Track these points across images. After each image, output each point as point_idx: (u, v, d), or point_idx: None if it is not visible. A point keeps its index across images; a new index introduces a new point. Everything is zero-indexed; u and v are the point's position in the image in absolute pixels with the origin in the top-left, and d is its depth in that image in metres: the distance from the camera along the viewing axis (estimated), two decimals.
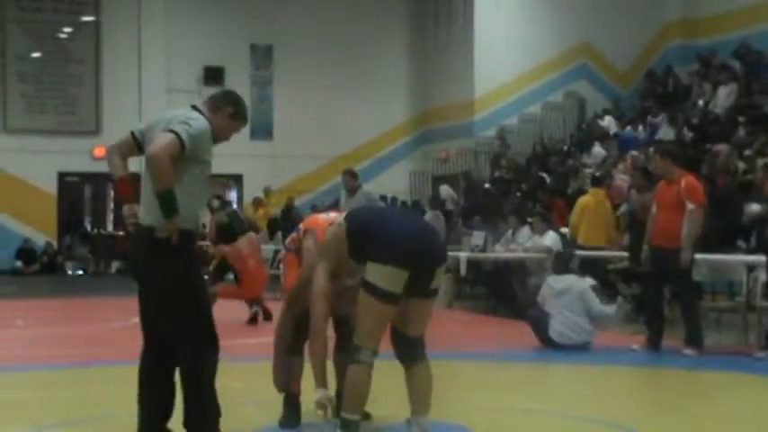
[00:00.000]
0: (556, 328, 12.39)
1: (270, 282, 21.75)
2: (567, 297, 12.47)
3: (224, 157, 36.03)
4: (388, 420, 7.46)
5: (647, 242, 12.43)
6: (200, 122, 6.48)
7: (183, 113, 6.57)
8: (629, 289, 16.11)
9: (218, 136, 6.71)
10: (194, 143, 6.36)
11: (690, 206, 11.90)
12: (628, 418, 8.12)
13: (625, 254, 16.39)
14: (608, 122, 29.34)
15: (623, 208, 18.42)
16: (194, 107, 6.72)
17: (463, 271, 17.70)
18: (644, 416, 8.34)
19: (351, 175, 17.25)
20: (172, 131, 6.31)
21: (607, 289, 16.79)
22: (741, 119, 23.20)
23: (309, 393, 6.89)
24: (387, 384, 7.39)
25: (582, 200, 18.55)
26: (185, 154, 6.32)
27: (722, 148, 20.45)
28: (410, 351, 6.53)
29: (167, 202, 6.28)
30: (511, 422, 7.99)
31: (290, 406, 7.48)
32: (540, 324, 12.58)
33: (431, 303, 6.55)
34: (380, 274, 6.22)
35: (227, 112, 6.74)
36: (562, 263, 13.11)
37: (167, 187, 6.27)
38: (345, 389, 6.45)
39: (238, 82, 33.89)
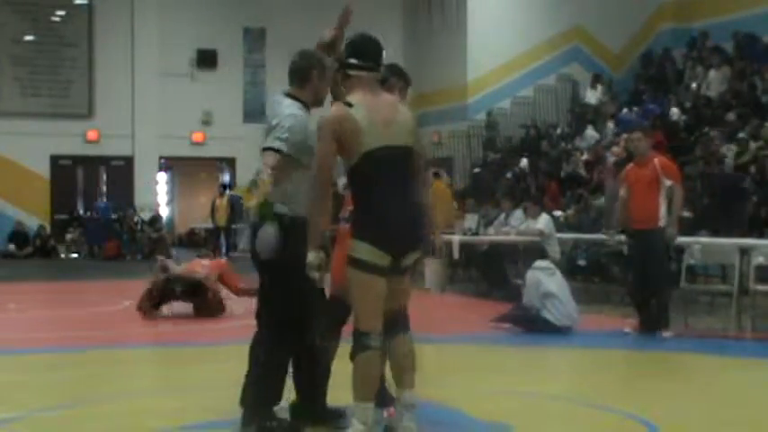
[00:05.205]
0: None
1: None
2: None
3: (217, 141, 36.14)
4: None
5: (621, 225, 12.62)
6: (291, 120, 6.68)
7: (280, 111, 6.79)
8: (624, 272, 16.13)
9: (318, 100, 6.94)
10: (292, 144, 6.61)
11: (668, 183, 12.06)
12: (621, 401, 8.15)
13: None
14: (591, 96, 29.45)
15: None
16: (287, 94, 6.96)
17: (456, 254, 17.71)
18: (639, 399, 8.35)
19: None
20: (270, 148, 6.64)
21: (599, 271, 16.86)
22: (734, 102, 23.24)
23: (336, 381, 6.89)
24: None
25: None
26: (290, 156, 6.62)
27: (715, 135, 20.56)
28: (390, 324, 6.47)
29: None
30: (508, 406, 8.00)
31: None
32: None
33: (404, 279, 6.46)
34: (366, 251, 6.22)
35: (314, 77, 6.90)
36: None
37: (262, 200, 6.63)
38: (357, 377, 6.32)
39: (231, 65, 33.92)
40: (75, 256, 31.49)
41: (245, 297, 14.35)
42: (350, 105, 6.32)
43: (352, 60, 6.48)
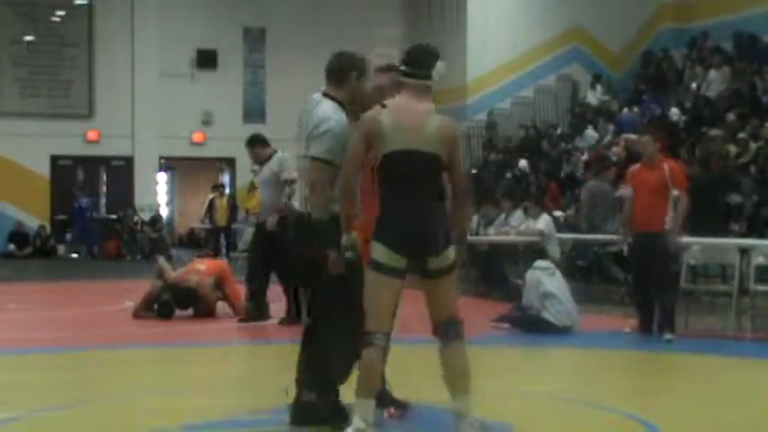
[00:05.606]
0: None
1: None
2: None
3: (217, 141, 36.01)
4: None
5: (624, 225, 12.65)
6: (331, 124, 6.68)
7: (316, 116, 6.77)
8: (624, 272, 16.13)
9: (357, 102, 6.89)
10: (336, 150, 6.58)
11: (675, 192, 12.02)
12: (621, 401, 8.16)
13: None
14: (591, 96, 29.47)
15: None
16: (324, 94, 6.93)
17: None
18: (639, 399, 8.36)
19: (262, 143, 13.44)
20: (315, 158, 6.63)
21: (599, 271, 16.85)
22: (734, 102, 23.25)
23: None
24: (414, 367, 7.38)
25: None
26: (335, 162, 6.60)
27: (717, 133, 20.52)
28: (440, 334, 6.50)
29: (321, 233, 6.58)
30: (508, 406, 7.99)
31: None
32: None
33: (441, 283, 6.47)
34: (381, 252, 6.28)
35: (353, 78, 6.93)
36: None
37: (319, 217, 6.60)
38: (359, 373, 6.39)
39: (231, 65, 33.91)
40: (75, 255, 31.50)
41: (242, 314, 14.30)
42: (384, 107, 6.47)
43: (402, 67, 6.64)
